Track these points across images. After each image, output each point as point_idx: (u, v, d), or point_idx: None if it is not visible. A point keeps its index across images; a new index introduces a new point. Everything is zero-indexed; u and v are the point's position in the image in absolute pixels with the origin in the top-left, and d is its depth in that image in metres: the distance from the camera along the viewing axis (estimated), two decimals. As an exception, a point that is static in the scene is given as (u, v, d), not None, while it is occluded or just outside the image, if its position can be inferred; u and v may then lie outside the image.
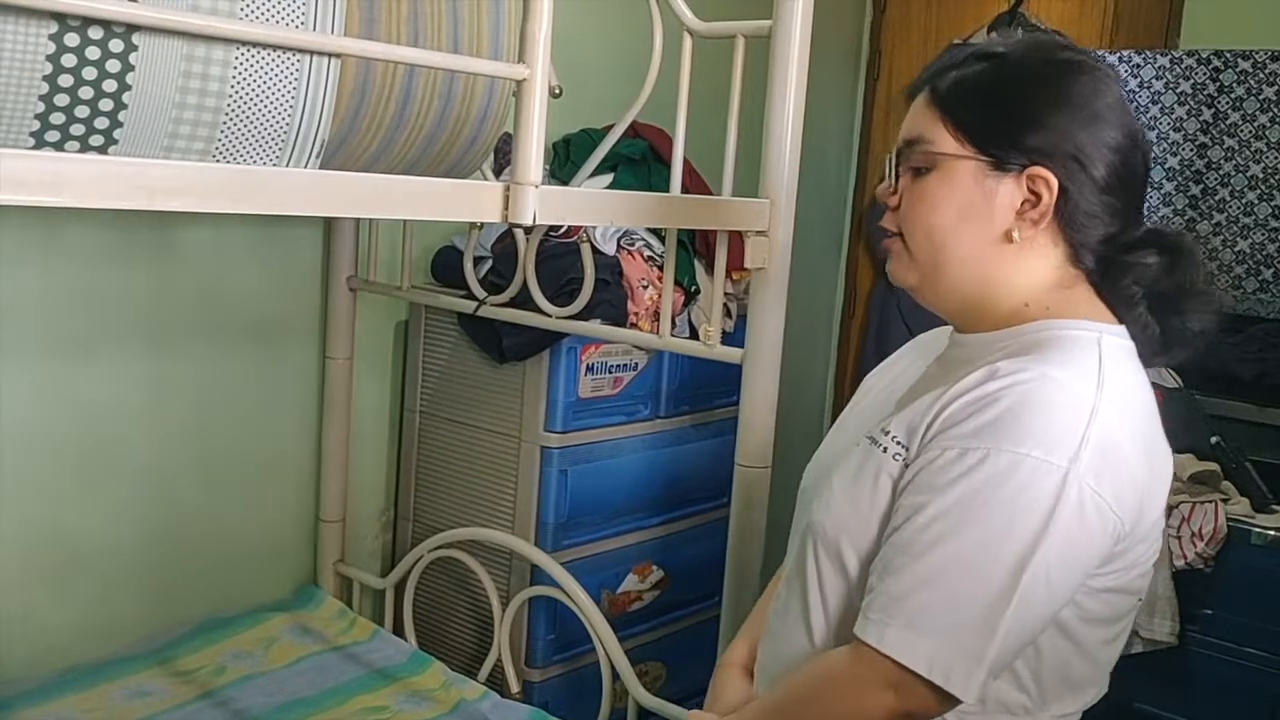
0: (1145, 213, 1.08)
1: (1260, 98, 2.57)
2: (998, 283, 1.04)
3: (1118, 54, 2.72)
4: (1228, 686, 2.20)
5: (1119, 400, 0.96)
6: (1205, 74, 2.62)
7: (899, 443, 1.01)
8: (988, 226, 1.02)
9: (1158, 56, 2.68)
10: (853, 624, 0.99)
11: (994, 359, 1.00)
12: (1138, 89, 2.70)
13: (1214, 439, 2.33)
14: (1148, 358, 1.05)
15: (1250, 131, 2.59)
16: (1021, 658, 0.98)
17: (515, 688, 2.13)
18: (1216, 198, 2.64)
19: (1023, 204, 1.01)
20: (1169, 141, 2.68)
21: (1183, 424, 2.16)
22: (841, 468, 1.07)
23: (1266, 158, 2.58)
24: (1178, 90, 2.66)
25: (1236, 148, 2.61)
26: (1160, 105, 2.68)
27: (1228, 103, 2.61)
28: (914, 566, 0.94)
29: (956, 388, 0.98)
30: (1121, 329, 1.04)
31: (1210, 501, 2.20)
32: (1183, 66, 2.65)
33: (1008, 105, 1.02)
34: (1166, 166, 2.69)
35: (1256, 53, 2.56)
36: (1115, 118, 1.02)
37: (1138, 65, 2.69)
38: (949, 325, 1.13)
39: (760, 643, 1.19)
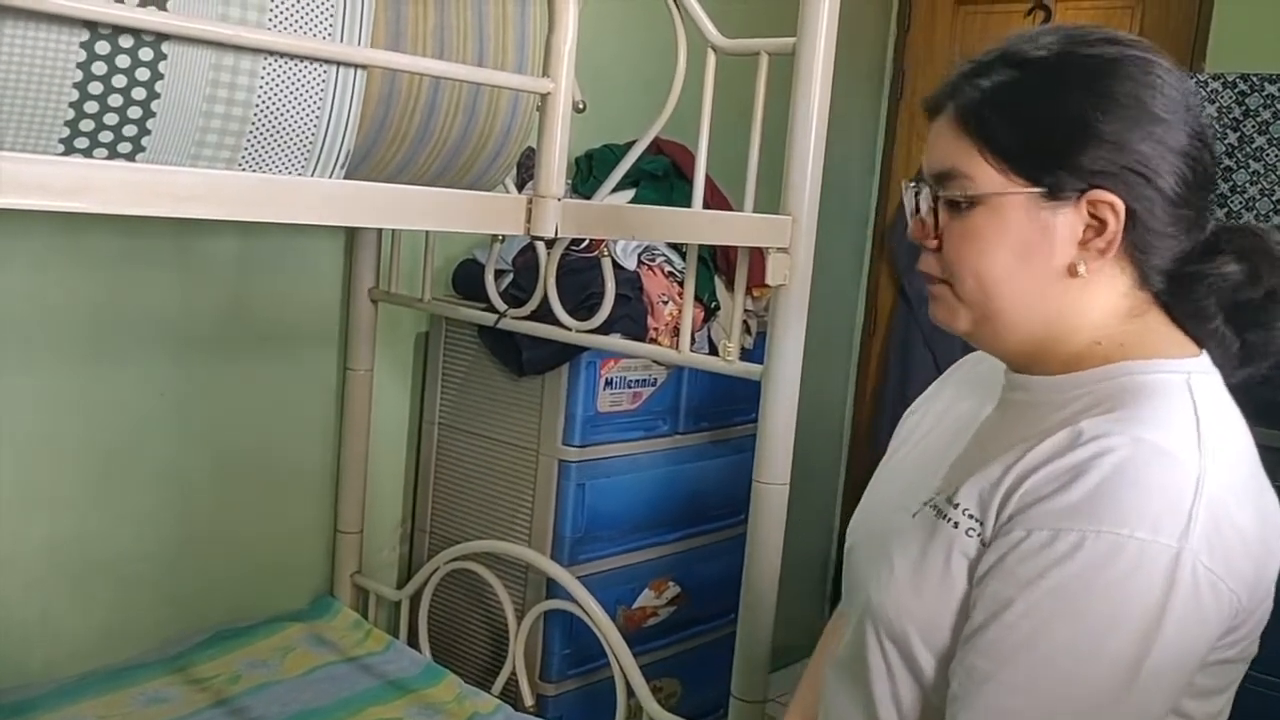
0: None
1: (1287, 121, 2.55)
2: (1063, 321, 0.92)
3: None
4: (1251, 716, 2.17)
5: (1223, 458, 0.84)
6: (1231, 97, 2.61)
7: (971, 516, 0.88)
8: (1048, 263, 0.90)
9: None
10: None
11: (1071, 412, 0.88)
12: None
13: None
14: (1227, 374, 0.93)
15: (1276, 156, 2.57)
16: None
17: (529, 701, 2.12)
18: (1241, 222, 2.62)
19: (1085, 231, 0.89)
20: (1194, 164, 2.67)
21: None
22: (901, 543, 0.94)
23: (1293, 182, 2.56)
24: (1203, 113, 2.65)
25: (1262, 171, 2.59)
26: (1185, 128, 2.67)
27: (1253, 126, 2.59)
28: (1006, 673, 0.82)
29: (1036, 454, 0.86)
30: (1204, 358, 0.92)
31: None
32: (1208, 89, 2.64)
33: (1051, 121, 0.89)
34: (1191, 189, 2.68)
35: (1283, 76, 2.55)
36: (1179, 115, 0.88)
37: (1163, 87, 2.68)
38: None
39: None
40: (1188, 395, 0.87)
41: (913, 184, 0.98)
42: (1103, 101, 0.87)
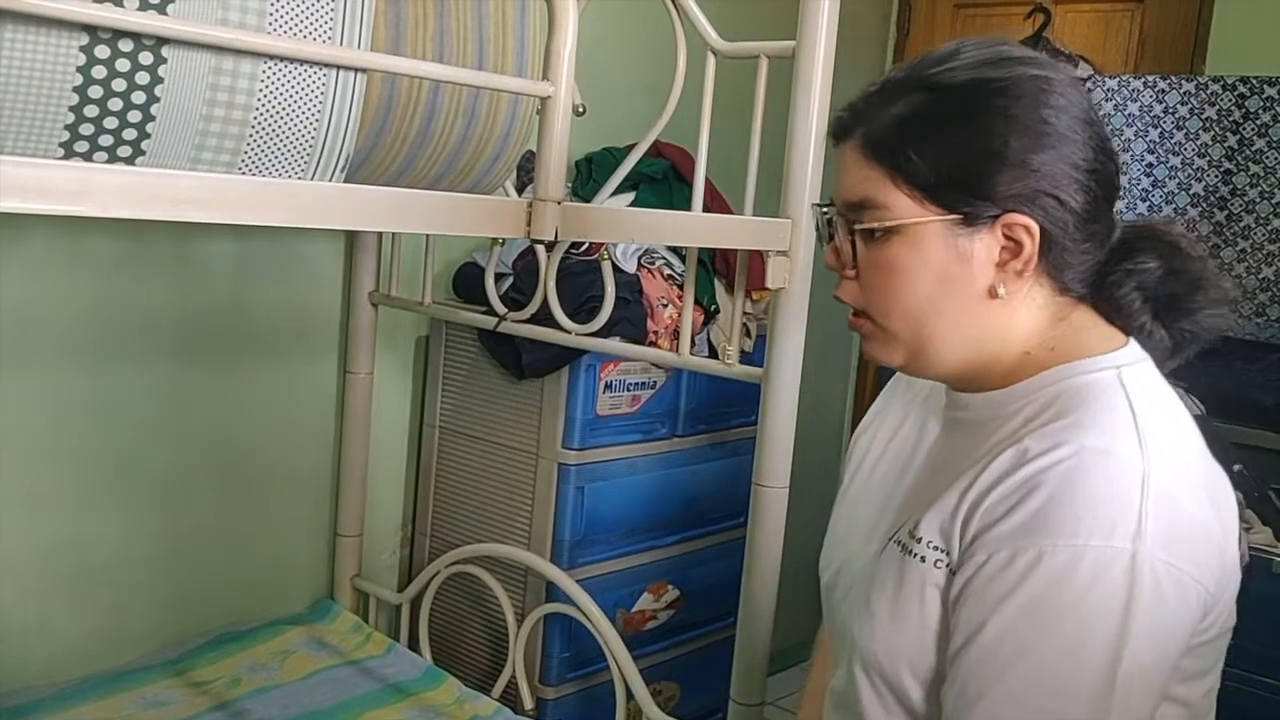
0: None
1: (1286, 124, 2.55)
2: (992, 341, 0.93)
3: (1143, 79, 2.71)
4: (1247, 717, 2.17)
5: (1165, 450, 0.85)
6: (1231, 100, 2.61)
7: (936, 548, 0.90)
8: (969, 288, 0.91)
9: (1183, 82, 2.67)
10: None
11: (1015, 425, 0.90)
12: (1163, 114, 2.69)
13: (1236, 467, 2.31)
14: (1159, 364, 0.94)
15: (1275, 158, 2.57)
16: None
17: (529, 705, 2.12)
18: (1241, 224, 2.62)
19: (1001, 254, 0.90)
20: (1193, 167, 2.67)
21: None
22: (875, 584, 0.96)
23: (1292, 184, 2.56)
24: (1203, 116, 2.65)
25: (1261, 174, 2.59)
26: (1185, 131, 2.67)
27: (1253, 129, 2.59)
28: (993, 693, 0.83)
29: (986, 477, 0.87)
30: (1132, 346, 0.94)
31: (1232, 530, 2.17)
32: (1208, 92, 2.64)
33: (965, 148, 0.89)
34: (1191, 192, 2.68)
35: (1283, 79, 2.55)
36: (1084, 132, 0.90)
37: (1163, 91, 2.68)
38: None
39: None
40: (1121, 391, 0.88)
41: (824, 209, 0.99)
42: (1013, 126, 0.88)
